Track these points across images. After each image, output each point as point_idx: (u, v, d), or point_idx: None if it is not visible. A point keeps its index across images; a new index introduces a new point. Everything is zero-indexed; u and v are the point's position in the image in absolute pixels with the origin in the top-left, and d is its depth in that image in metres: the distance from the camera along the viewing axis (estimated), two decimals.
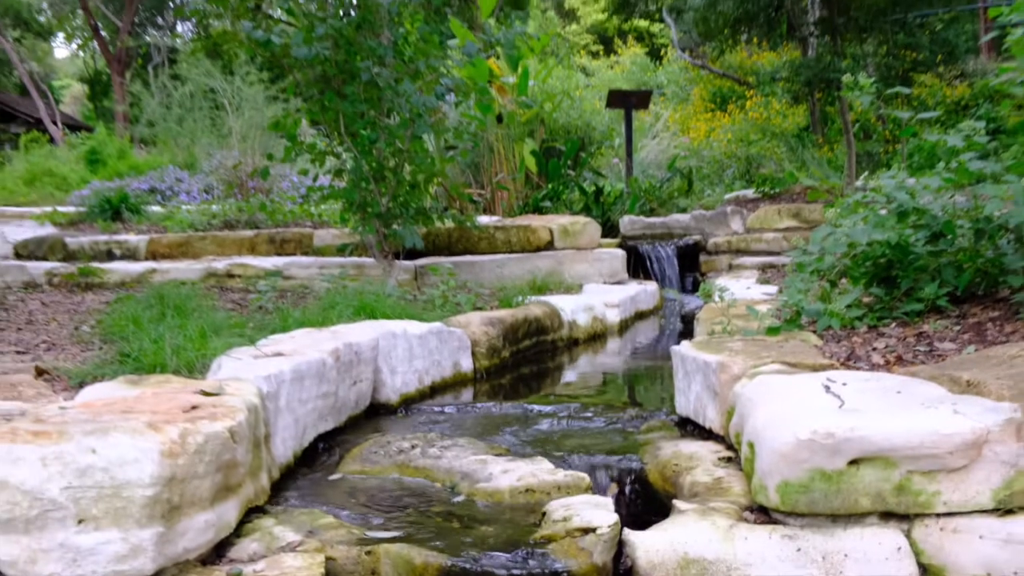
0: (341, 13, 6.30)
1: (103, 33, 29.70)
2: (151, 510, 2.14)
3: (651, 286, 7.68)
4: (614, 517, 2.41)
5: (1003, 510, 2.33)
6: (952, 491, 2.34)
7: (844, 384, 2.69)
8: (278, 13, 7.35)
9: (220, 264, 7.33)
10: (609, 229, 9.72)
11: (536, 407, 3.86)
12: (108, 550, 2.10)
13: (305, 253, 7.77)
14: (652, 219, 9.96)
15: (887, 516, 2.37)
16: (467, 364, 4.70)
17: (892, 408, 2.46)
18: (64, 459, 2.12)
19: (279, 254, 7.79)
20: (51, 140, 23.13)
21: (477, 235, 7.60)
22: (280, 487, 2.89)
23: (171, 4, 34.15)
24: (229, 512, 2.38)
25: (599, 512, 2.43)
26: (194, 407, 2.45)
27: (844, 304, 3.96)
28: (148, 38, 32.13)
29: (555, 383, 5.14)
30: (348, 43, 6.16)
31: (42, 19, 38.20)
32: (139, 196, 11.26)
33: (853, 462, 2.35)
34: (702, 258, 9.17)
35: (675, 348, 3.62)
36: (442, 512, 2.70)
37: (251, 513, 2.55)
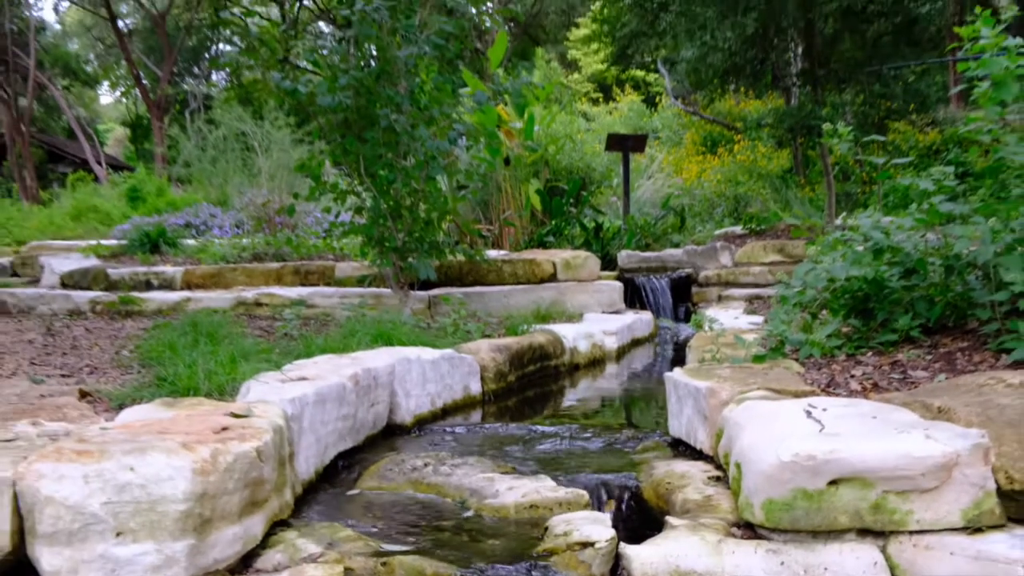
0: (362, 64, 6.34)
1: (144, 81, 29.89)
2: (184, 524, 2.14)
3: (646, 315, 7.68)
4: (611, 532, 2.40)
5: (972, 528, 2.32)
6: (925, 510, 2.33)
7: (824, 410, 2.68)
8: (304, 64, 7.40)
9: (249, 294, 7.34)
10: (608, 262, 9.72)
11: (540, 428, 3.86)
12: (144, 561, 2.11)
13: (328, 284, 7.78)
14: (647, 253, 9.96)
15: (864, 533, 2.36)
16: (476, 387, 4.69)
17: (869, 433, 2.45)
18: (104, 476, 2.13)
19: (303, 285, 7.80)
20: (96, 179, 23.22)
21: (486, 268, 7.61)
22: (303, 502, 2.89)
23: (207, 55, 34.38)
24: (256, 525, 2.38)
25: (597, 527, 2.42)
26: (224, 428, 2.46)
27: (824, 334, 3.96)
28: (185, 86, 32.32)
29: (558, 405, 5.13)
30: (368, 92, 6.20)
31: (89, 69, 38.46)
32: (175, 231, 11.29)
33: (833, 482, 2.34)
34: (694, 290, 9.16)
35: (668, 374, 3.62)
36: (452, 526, 2.69)
37: (276, 526, 2.55)
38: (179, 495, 2.14)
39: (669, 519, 2.55)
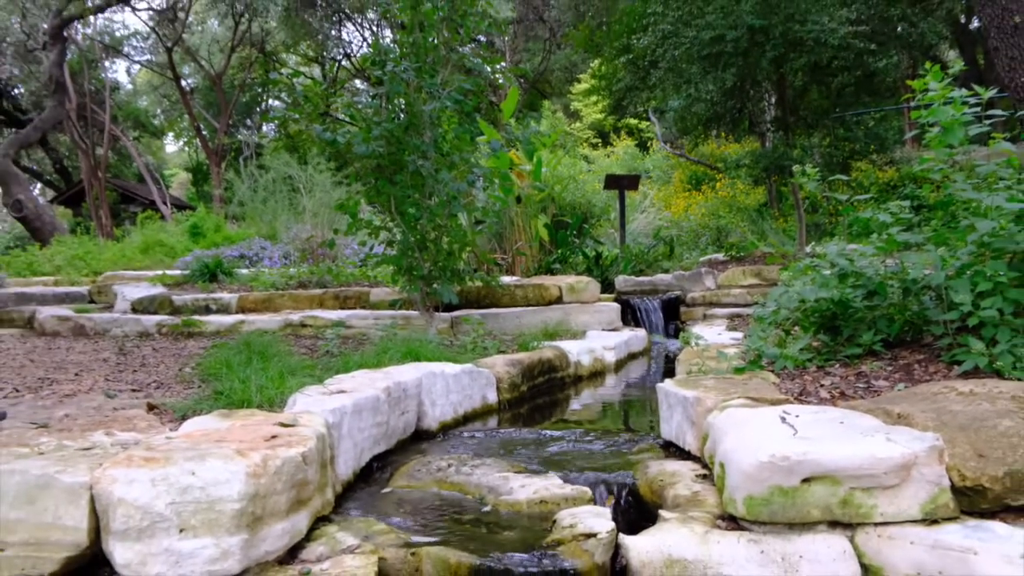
0: (392, 117, 6.37)
1: (204, 132, 30.08)
2: (239, 521, 2.14)
3: (641, 332, 7.65)
4: (611, 524, 2.39)
5: (930, 520, 2.31)
6: (887, 504, 2.32)
7: (797, 416, 2.67)
8: (342, 116, 7.44)
9: (295, 316, 7.35)
10: (607, 286, 9.70)
11: (548, 432, 3.85)
12: (203, 554, 2.11)
13: (363, 307, 7.80)
14: (641, 278, 9.94)
15: (834, 524, 2.35)
16: (493, 397, 4.68)
17: (837, 436, 2.44)
18: (169, 480, 2.13)
19: (342, 308, 7.81)
20: (162, 217, 23.35)
21: (501, 292, 7.61)
22: (342, 499, 2.88)
23: (258, 109, 34.62)
24: (301, 521, 2.38)
25: (599, 520, 2.41)
26: (274, 436, 2.46)
27: (796, 349, 3.95)
28: (239, 136, 32.50)
29: (564, 411, 5.11)
30: (398, 141, 6.23)
31: (156, 122, 38.76)
32: (231, 262, 11.33)
33: (806, 480, 2.33)
34: (682, 309, 9.12)
35: (659, 385, 3.61)
36: (472, 519, 2.68)
37: (319, 521, 2.54)
38: (234, 495, 2.14)
39: (662, 512, 2.54)
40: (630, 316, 8.74)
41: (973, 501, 2.35)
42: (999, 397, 2.75)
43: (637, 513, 2.86)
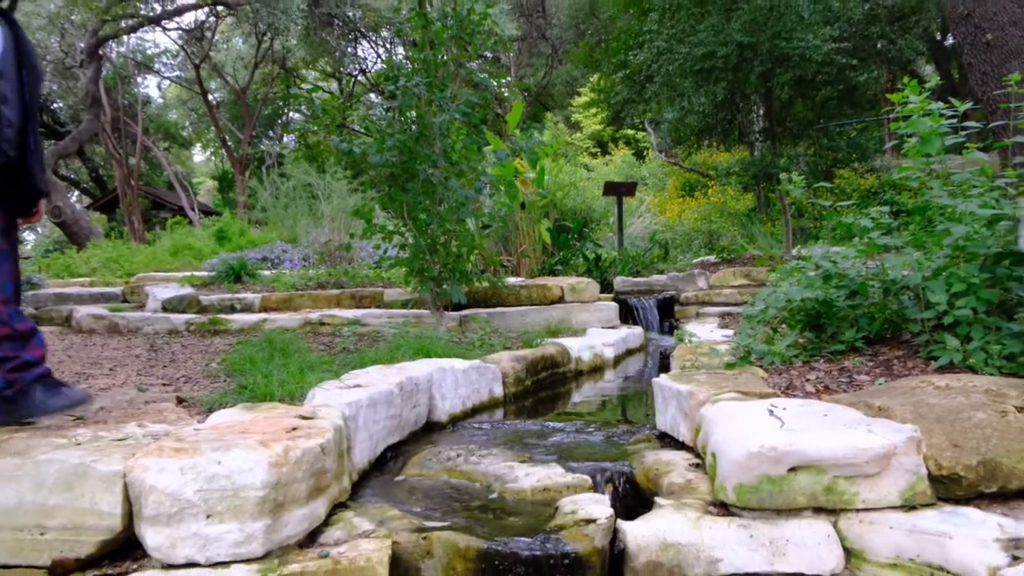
0: (405, 129, 6.37)
1: (229, 143, 30.11)
2: (261, 507, 2.14)
3: (638, 330, 7.64)
4: (610, 511, 2.39)
5: (908, 507, 2.31)
6: (869, 492, 2.31)
7: (784, 409, 2.67)
8: (358, 128, 7.44)
9: (314, 315, 7.35)
10: (606, 286, 9.69)
11: (551, 424, 3.84)
12: (229, 538, 2.11)
13: (378, 306, 7.79)
14: (638, 279, 9.92)
15: (819, 510, 2.35)
16: (499, 391, 4.67)
17: (821, 428, 2.43)
18: (197, 469, 2.13)
19: (358, 307, 7.80)
20: (190, 222, 23.38)
21: (506, 292, 7.60)
22: (358, 487, 2.87)
23: (279, 121, 34.64)
24: (320, 507, 2.38)
25: (599, 507, 2.41)
26: (294, 428, 2.46)
27: (784, 346, 3.94)
28: (262, 146, 32.54)
29: (565, 404, 5.10)
30: (410, 151, 6.23)
31: (185, 134, 38.81)
32: (254, 264, 11.34)
33: (792, 469, 2.33)
34: (676, 308, 9.10)
35: (655, 380, 3.60)
36: (480, 506, 2.68)
37: (336, 507, 2.54)
38: (257, 484, 2.14)
39: (657, 499, 2.54)
40: (628, 315, 8.72)
41: (949, 488, 2.34)
42: (973, 391, 2.74)
43: (634, 500, 2.85)
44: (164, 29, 26.12)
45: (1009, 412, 2.50)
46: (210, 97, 30.40)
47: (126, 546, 2.22)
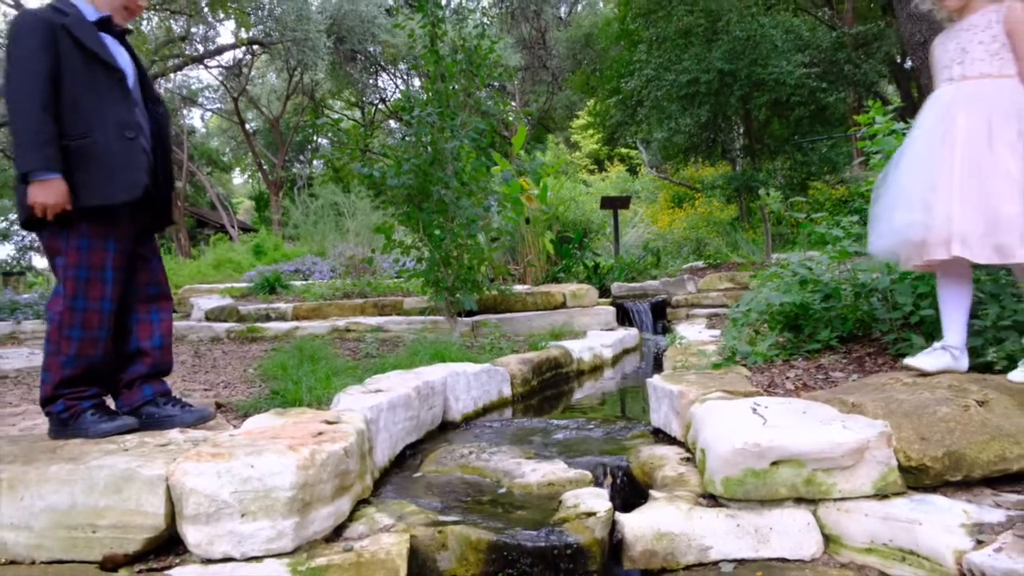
0: (420, 153, 6.35)
1: (264, 167, 30.19)
2: (290, 506, 2.12)
3: (633, 331, 7.60)
4: (609, 504, 2.35)
5: (881, 496, 2.27)
6: (845, 482, 2.28)
7: (766, 407, 2.63)
8: (378, 152, 7.43)
9: (341, 323, 7.34)
10: (604, 292, 9.64)
11: (555, 421, 3.80)
12: (261, 534, 2.09)
13: (398, 314, 7.78)
14: (633, 284, 9.89)
15: (799, 500, 2.31)
16: (507, 391, 4.64)
17: (801, 425, 2.40)
18: (232, 472, 2.11)
19: (380, 315, 7.80)
20: (230, 239, 23.44)
21: (513, 299, 7.58)
22: (379, 483, 2.84)
23: (309, 147, 34.71)
24: (344, 505, 2.35)
25: (598, 501, 2.37)
26: (320, 433, 2.43)
27: (765, 346, 3.90)
28: (294, 170, 32.62)
29: (568, 401, 5.06)
30: (425, 174, 6.21)
31: (225, 159, 38.96)
32: (287, 275, 11.36)
33: (774, 463, 2.29)
34: (668, 311, 9.05)
35: (649, 380, 3.56)
36: (490, 500, 2.64)
37: (360, 504, 2.51)
38: (287, 485, 2.12)
39: (652, 492, 2.50)
40: (624, 317, 8.69)
41: (918, 478, 2.30)
42: (937, 387, 2.70)
43: (631, 491, 2.82)
44: (206, 67, 26.24)
45: (971, 406, 2.46)
46: (247, 126, 30.49)
47: (169, 543, 2.20)
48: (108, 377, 2.78)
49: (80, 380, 2.65)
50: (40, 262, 31.38)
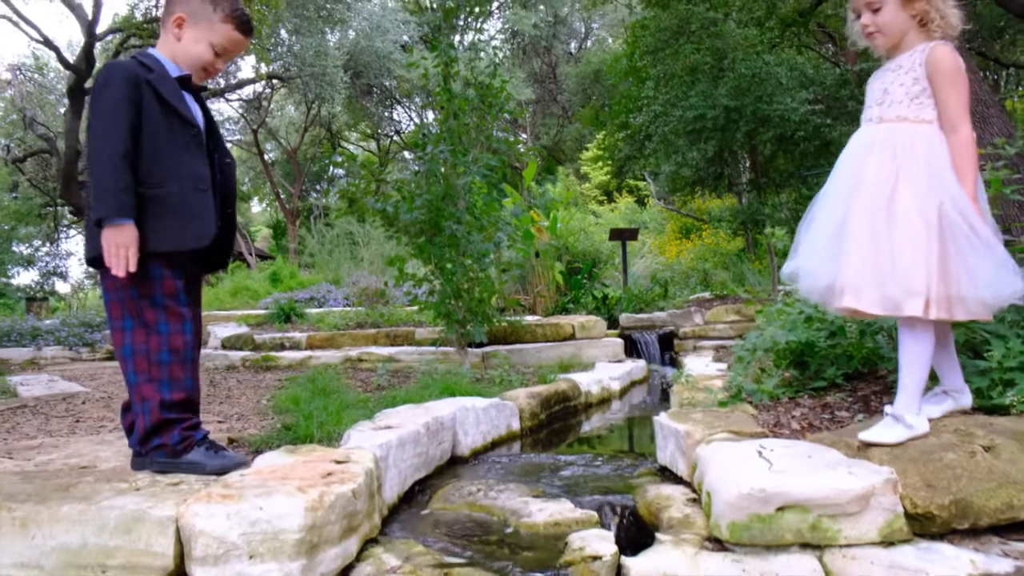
0: (433, 188, 6.38)
1: (282, 196, 30.43)
2: (298, 548, 2.09)
3: (641, 363, 7.56)
4: (615, 548, 2.31)
5: (887, 543, 2.22)
6: (851, 529, 2.23)
7: (772, 450, 2.59)
8: (392, 184, 7.47)
9: (354, 352, 7.33)
10: (612, 323, 9.62)
11: (562, 457, 3.76)
12: None
13: (410, 344, 7.76)
14: (641, 315, 9.85)
15: (805, 546, 2.26)
16: (516, 425, 4.60)
17: (806, 469, 2.36)
18: (241, 514, 2.09)
19: (392, 345, 7.78)
20: (248, 266, 23.55)
21: (523, 330, 7.56)
22: (388, 520, 2.81)
23: (325, 177, 34.97)
24: (351, 545, 2.32)
25: (604, 544, 2.33)
26: (329, 473, 2.41)
27: (771, 384, 3.85)
28: (311, 199, 32.85)
29: (576, 434, 5.02)
30: (437, 209, 6.23)
31: (244, 188, 39.27)
32: (302, 303, 11.39)
33: (780, 508, 2.25)
34: (675, 342, 9.01)
35: (656, 418, 3.52)
36: (497, 540, 2.60)
37: (367, 544, 2.47)
38: (295, 527, 2.09)
39: (658, 535, 2.46)
40: (632, 348, 8.65)
41: (924, 525, 2.25)
42: (943, 431, 2.65)
43: (637, 531, 2.77)
44: (227, 100, 26.55)
45: (977, 452, 2.41)
46: (266, 157, 30.78)
47: None
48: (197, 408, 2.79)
49: (182, 406, 2.66)
50: (63, 287, 31.61)
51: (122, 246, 2.52)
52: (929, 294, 2.47)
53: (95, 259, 2.62)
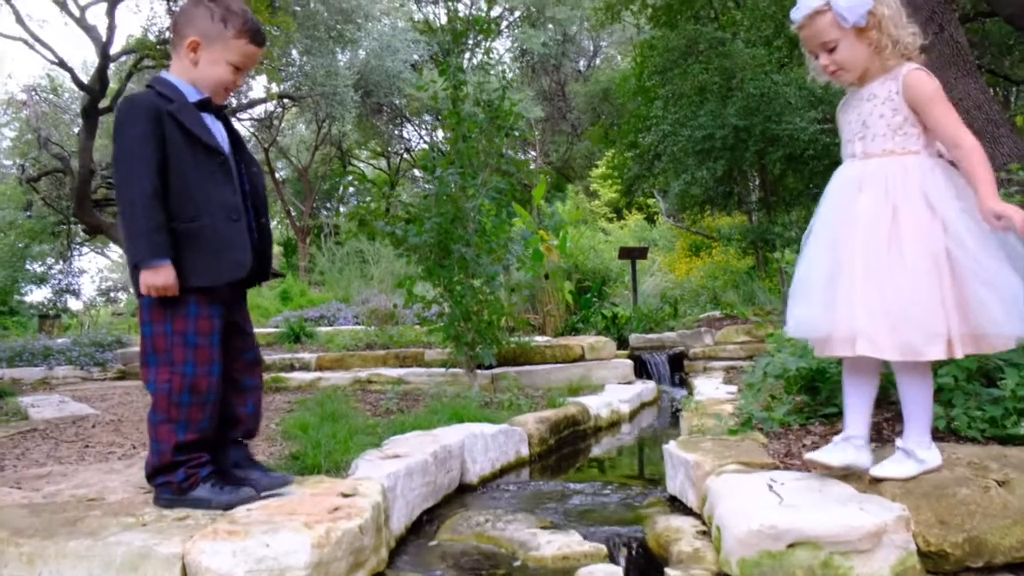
0: (442, 211, 6.38)
1: (292, 214, 30.61)
2: None
3: (651, 384, 7.53)
4: None
5: None
6: (863, 566, 2.20)
7: (782, 484, 2.56)
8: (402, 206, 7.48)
9: (363, 374, 7.33)
10: (622, 343, 9.58)
11: (571, 485, 3.74)
12: None
13: (419, 365, 7.76)
14: (651, 335, 9.82)
15: None
16: (524, 451, 4.58)
17: (817, 505, 2.33)
18: (247, 551, 2.08)
19: (402, 366, 7.78)
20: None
21: (533, 351, 7.54)
22: (396, 552, 2.79)
23: (336, 194, 35.15)
24: None
25: None
26: (336, 508, 2.40)
27: (782, 412, 3.82)
28: (321, 218, 33.01)
29: (586, 458, 4.99)
30: (446, 232, 6.24)
31: None
32: (312, 322, 11.40)
33: (791, 545, 2.22)
34: (685, 363, 8.96)
35: (665, 447, 3.49)
36: (505, 574, 2.57)
37: None
38: (301, 564, 2.08)
39: (667, 570, 2.43)
40: (642, 369, 8.62)
41: (937, 563, 2.22)
42: (957, 464, 2.61)
43: (646, 564, 2.75)
44: (239, 119, 26.77)
45: (991, 487, 2.38)
46: (277, 175, 30.99)
47: None
48: (215, 443, 2.78)
49: (195, 446, 2.65)
50: (75, 304, 31.77)
51: (161, 289, 2.53)
52: (950, 334, 2.41)
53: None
